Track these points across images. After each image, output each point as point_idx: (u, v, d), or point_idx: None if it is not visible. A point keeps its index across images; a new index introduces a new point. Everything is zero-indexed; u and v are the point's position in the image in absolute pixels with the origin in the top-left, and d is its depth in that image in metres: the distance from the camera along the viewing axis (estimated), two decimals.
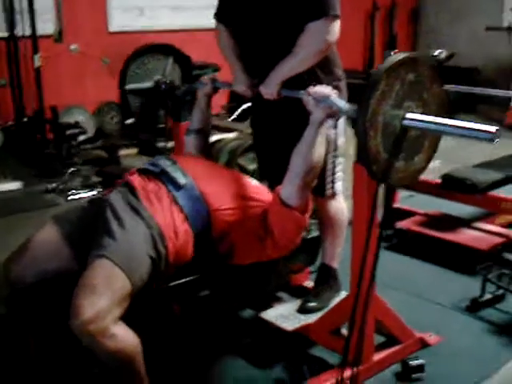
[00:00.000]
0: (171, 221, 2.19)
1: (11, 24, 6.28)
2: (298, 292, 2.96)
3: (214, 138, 6.29)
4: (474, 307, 3.06)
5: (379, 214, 2.22)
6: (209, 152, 2.82)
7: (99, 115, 6.77)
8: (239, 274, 2.52)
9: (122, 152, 6.00)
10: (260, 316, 2.74)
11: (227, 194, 2.34)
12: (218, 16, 2.78)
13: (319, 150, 2.23)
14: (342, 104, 2.13)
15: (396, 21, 9.37)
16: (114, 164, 5.73)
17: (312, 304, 2.77)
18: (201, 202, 2.28)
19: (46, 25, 6.27)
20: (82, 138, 6.05)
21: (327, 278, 2.84)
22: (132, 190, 2.27)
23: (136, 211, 2.18)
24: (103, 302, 1.93)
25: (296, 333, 2.64)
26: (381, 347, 2.59)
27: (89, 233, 2.18)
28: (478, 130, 1.72)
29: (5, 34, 6.36)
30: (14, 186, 5.03)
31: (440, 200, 3.91)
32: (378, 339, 2.60)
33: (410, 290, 3.28)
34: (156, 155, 2.62)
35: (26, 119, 6.24)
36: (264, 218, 2.28)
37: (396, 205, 4.16)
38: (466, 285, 3.31)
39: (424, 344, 2.71)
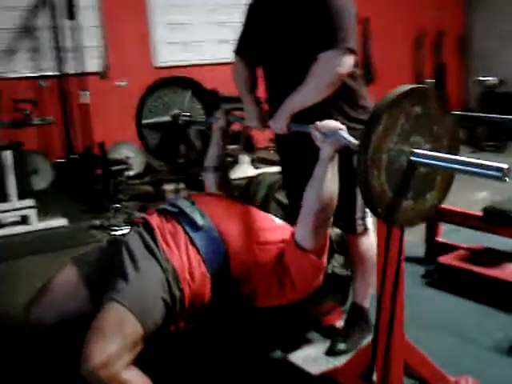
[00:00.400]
0: (187, 263, 2.17)
1: (60, 62, 6.48)
2: (330, 333, 2.88)
3: (255, 171, 6.37)
4: None
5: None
6: (229, 188, 2.78)
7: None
8: (264, 315, 2.46)
9: (168, 187, 6.01)
10: (287, 358, 2.66)
11: (246, 234, 2.29)
12: (238, 50, 2.77)
13: (331, 187, 2.15)
14: (351, 139, 2.06)
15: (444, 48, 9.24)
16: (159, 199, 5.76)
17: (341, 346, 2.69)
18: (219, 243, 2.25)
19: (94, 62, 6.44)
20: (130, 173, 6.14)
21: (358, 319, 2.76)
22: (150, 230, 2.26)
23: (152, 253, 2.16)
24: (113, 346, 1.91)
25: (324, 376, 2.55)
26: None
27: (106, 274, 2.18)
28: (487, 166, 1.61)
29: (55, 72, 6.57)
30: (60, 222, 5.13)
31: (485, 234, 3.76)
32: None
33: (449, 329, 3.14)
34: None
35: (75, 156, 6.39)
36: (281, 260, 2.22)
37: (439, 239, 4.03)
38: (509, 325, 3.14)
39: None
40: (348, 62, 2.40)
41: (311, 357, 2.65)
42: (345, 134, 2.10)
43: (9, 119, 4.96)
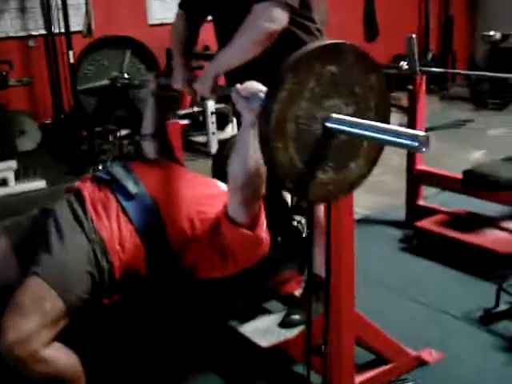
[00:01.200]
0: (118, 233, 2.03)
1: (48, 21, 6.30)
2: (288, 302, 2.75)
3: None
4: (487, 319, 2.77)
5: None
6: (171, 154, 2.61)
7: None
8: (212, 284, 2.34)
9: None
10: (236, 329, 2.54)
11: (185, 202, 2.15)
12: (182, 3, 2.60)
13: (257, 156, 1.85)
14: None
15: (452, 2, 8.91)
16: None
17: (295, 317, 2.55)
18: (153, 212, 2.10)
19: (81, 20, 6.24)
20: (122, 133, 5.98)
21: (315, 289, 2.62)
22: (81, 199, 2.13)
23: (80, 223, 2.03)
24: (31, 323, 1.81)
25: (275, 349, 2.43)
26: (368, 367, 2.36)
27: (34, 245, 2.05)
28: (405, 135, 1.38)
29: (43, 32, 6.40)
30: (39, 184, 5.02)
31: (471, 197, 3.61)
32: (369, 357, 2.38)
33: (419, 296, 3.02)
34: None
35: (62, 116, 6.25)
36: (218, 230, 2.08)
37: (420, 202, 3.87)
38: (483, 293, 2.99)
39: (421, 362, 2.45)
40: (281, 17, 2.17)
41: (263, 328, 2.52)
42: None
43: None
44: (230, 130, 6.21)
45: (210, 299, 2.48)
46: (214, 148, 5.79)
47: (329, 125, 1.56)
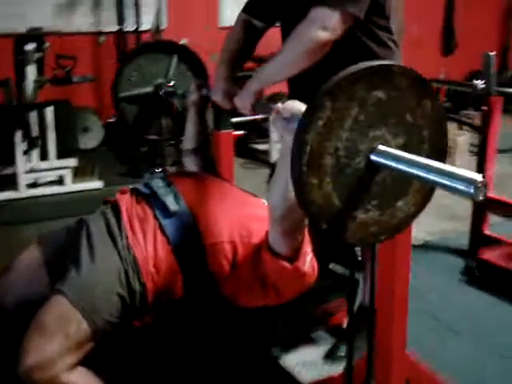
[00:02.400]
0: (153, 253, 1.89)
1: (120, 18, 6.31)
2: (336, 333, 2.58)
3: None
4: None
5: None
6: (213, 170, 2.44)
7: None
8: (256, 312, 2.19)
9: None
10: (278, 361, 2.38)
11: (229, 224, 1.97)
12: (246, 7, 2.38)
13: None
14: None
15: None
16: None
17: (342, 351, 2.37)
18: (194, 232, 1.95)
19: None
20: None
21: (365, 322, 2.44)
22: (117, 212, 2.00)
23: (113, 239, 1.90)
24: (54, 346, 1.69)
25: None
26: None
27: (65, 258, 1.93)
28: (460, 179, 1.15)
29: (113, 29, 6.42)
30: (96, 184, 4.98)
31: None
32: None
33: (480, 338, 2.78)
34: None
35: None
36: (259, 259, 1.92)
37: (486, 231, 3.62)
38: None
39: None
40: (338, 26, 1.93)
41: (306, 361, 2.36)
42: None
43: (50, 76, 4.80)
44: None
45: (251, 325, 2.33)
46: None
47: (374, 158, 1.34)
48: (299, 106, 1.64)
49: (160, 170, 4.98)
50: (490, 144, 3.43)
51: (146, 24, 6.17)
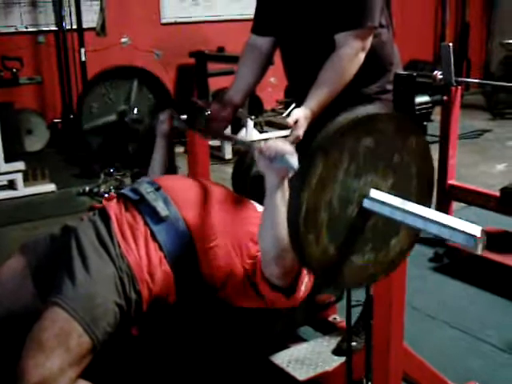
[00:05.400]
0: (146, 260, 1.85)
1: (59, 17, 6.12)
2: (322, 327, 2.58)
3: (260, 136, 6.04)
4: None
5: None
6: None
7: None
8: (245, 311, 2.16)
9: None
10: (270, 359, 2.36)
11: (221, 228, 1.95)
12: (255, 27, 2.41)
13: None
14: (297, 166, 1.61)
15: (469, 7, 8.75)
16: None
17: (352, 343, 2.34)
18: (185, 237, 1.91)
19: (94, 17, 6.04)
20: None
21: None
22: (106, 219, 1.93)
23: (105, 248, 1.84)
24: (55, 363, 1.63)
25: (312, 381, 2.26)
26: None
27: (54, 268, 1.86)
28: (460, 232, 1.17)
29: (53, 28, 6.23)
30: (49, 188, 4.84)
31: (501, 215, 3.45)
32: None
33: (457, 323, 2.84)
34: None
35: (72, 116, 6.07)
36: (255, 273, 1.90)
37: None
38: None
39: None
40: (367, 44, 2.12)
41: (298, 359, 2.34)
42: (291, 159, 1.67)
43: None
44: (244, 134, 6.05)
45: (245, 326, 2.30)
46: (228, 153, 5.64)
47: (366, 205, 1.34)
48: (282, 147, 1.69)
49: (114, 169, 4.91)
50: (452, 132, 3.50)
51: (88, 23, 6.00)
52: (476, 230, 1.16)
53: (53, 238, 2.02)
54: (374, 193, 1.33)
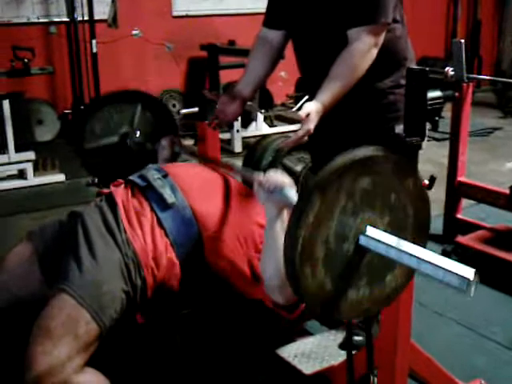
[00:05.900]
0: (152, 247, 1.86)
1: (71, 8, 6.12)
2: (329, 322, 2.57)
3: (270, 130, 6.04)
4: None
5: None
6: None
7: None
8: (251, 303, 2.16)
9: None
10: (277, 353, 2.36)
11: (228, 218, 1.96)
12: (267, 21, 2.40)
13: None
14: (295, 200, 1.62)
15: (481, 5, 8.70)
16: None
17: (358, 338, 2.35)
18: (192, 225, 1.93)
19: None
20: None
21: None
22: (113, 205, 1.94)
23: (111, 233, 1.85)
24: (63, 350, 1.64)
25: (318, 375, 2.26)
26: None
27: (60, 254, 1.87)
28: (452, 274, 1.21)
29: (65, 19, 6.23)
30: (58, 178, 4.87)
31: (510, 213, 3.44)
32: None
33: (464, 320, 2.84)
34: None
35: (83, 107, 6.09)
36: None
37: (459, 215, 3.69)
38: None
39: None
40: (380, 40, 2.11)
41: (304, 353, 2.34)
42: (290, 192, 1.72)
43: (8, 68, 4.64)
44: (254, 127, 6.05)
45: (251, 319, 2.30)
46: (238, 146, 5.64)
47: (362, 242, 1.35)
48: (281, 179, 1.74)
49: None
50: (463, 129, 3.49)
51: (99, 14, 6.00)
52: (469, 273, 1.18)
53: (60, 224, 2.04)
54: (371, 230, 1.35)
